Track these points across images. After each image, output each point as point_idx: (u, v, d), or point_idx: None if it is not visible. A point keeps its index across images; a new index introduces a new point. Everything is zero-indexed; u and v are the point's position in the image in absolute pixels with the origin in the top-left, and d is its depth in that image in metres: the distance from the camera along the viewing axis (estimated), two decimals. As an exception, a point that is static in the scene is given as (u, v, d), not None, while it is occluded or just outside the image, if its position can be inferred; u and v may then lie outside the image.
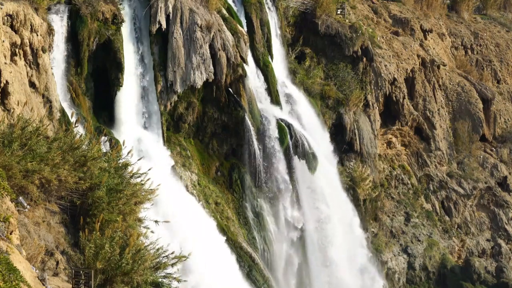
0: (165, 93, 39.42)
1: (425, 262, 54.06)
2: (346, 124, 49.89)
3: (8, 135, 19.46)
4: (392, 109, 56.64)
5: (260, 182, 42.46)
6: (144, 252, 18.87)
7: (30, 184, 18.96)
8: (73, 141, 20.89)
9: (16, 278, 13.64)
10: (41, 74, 31.38)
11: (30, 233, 18.40)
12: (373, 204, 52.77)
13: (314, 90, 49.76)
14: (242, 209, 41.95)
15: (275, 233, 42.95)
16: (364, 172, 51.04)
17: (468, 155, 60.75)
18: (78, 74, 35.83)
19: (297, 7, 51.96)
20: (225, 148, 42.58)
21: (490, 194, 59.85)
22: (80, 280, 17.34)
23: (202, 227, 36.66)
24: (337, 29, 51.58)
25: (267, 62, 45.88)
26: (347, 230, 47.80)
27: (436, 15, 67.08)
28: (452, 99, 62.29)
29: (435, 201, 57.58)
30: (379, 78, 54.84)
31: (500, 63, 69.37)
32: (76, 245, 19.65)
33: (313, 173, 44.57)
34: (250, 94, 42.44)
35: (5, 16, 29.38)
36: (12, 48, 29.45)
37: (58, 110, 32.22)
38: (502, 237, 58.86)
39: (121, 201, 20.31)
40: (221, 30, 41.09)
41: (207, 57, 39.91)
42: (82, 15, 35.40)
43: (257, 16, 46.00)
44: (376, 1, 63.36)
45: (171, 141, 40.24)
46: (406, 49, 58.69)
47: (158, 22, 38.65)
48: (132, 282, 18.35)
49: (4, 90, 27.80)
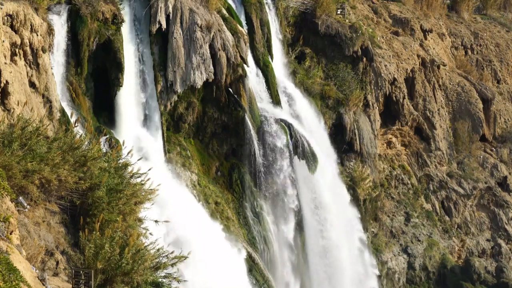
0: (165, 93, 39.42)
1: (425, 262, 54.05)
2: (346, 124, 49.89)
3: (8, 135, 19.45)
4: (392, 109, 56.64)
5: (260, 182, 42.46)
6: (144, 252, 18.87)
7: (30, 184, 18.95)
8: (73, 141, 20.88)
9: (16, 278, 13.63)
10: (41, 74, 31.38)
11: (30, 233, 18.39)
12: (373, 204, 52.77)
13: (314, 90, 49.75)
14: (242, 209, 41.95)
15: (275, 233, 42.96)
16: (364, 172, 51.04)
17: (468, 155, 60.75)
18: (78, 74, 35.83)
19: (297, 7, 51.96)
20: (225, 148, 42.58)
21: (490, 194, 59.85)
22: (80, 280, 17.33)
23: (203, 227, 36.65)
24: (337, 29, 51.58)
25: (267, 62, 45.89)
26: (348, 230, 47.81)
27: (436, 15, 67.08)
28: (452, 99, 62.30)
29: (435, 201, 57.57)
30: (379, 78, 54.85)
31: (500, 63, 69.38)
32: (76, 245, 19.65)
33: (313, 173, 44.56)
34: (250, 94, 42.45)
35: (5, 16, 29.38)
36: (12, 48, 29.45)
37: (58, 110, 32.22)
38: (502, 237, 58.86)
39: (121, 201, 20.30)
40: (221, 30, 41.09)
41: (207, 57, 39.91)
42: (82, 15, 35.40)
43: (257, 16, 46.01)
44: (376, 1, 63.36)
45: (171, 141, 40.24)
46: (406, 49, 58.69)
47: (158, 22, 38.65)
48: (132, 282, 18.34)
49: (4, 90, 27.80)
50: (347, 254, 47.33)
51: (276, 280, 42.02)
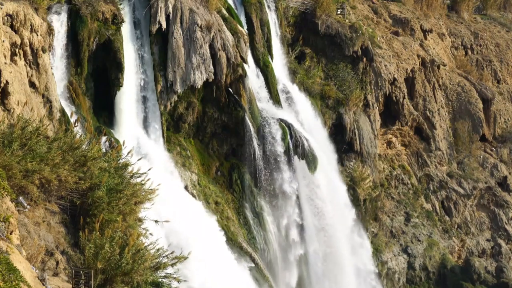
0: (165, 93, 39.42)
1: (425, 262, 54.05)
2: (346, 124, 49.89)
3: (8, 135, 19.45)
4: (392, 109, 56.64)
5: (260, 182, 42.46)
6: (144, 252, 18.87)
7: (30, 184, 18.95)
8: (73, 141, 20.89)
9: (16, 278, 13.64)
10: (41, 74, 31.37)
11: (30, 233, 18.39)
12: (373, 204, 52.76)
13: (314, 90, 49.75)
14: (242, 209, 41.95)
15: (275, 233, 42.97)
16: (364, 172, 51.04)
17: (468, 155, 60.75)
18: (78, 74, 35.83)
19: (297, 7, 51.95)
20: (225, 148, 42.58)
21: (490, 194, 59.84)
22: (80, 280, 17.33)
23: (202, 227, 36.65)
24: (337, 29, 51.57)
25: (267, 62, 45.88)
26: (348, 230, 47.82)
27: (436, 15, 67.07)
28: (452, 99, 62.29)
29: (435, 201, 57.57)
30: (379, 78, 54.85)
31: (500, 63, 69.37)
32: (76, 245, 19.65)
33: (313, 173, 44.57)
34: (250, 94, 42.45)
35: (5, 16, 29.38)
36: (12, 48, 29.45)
37: (58, 110, 32.21)
38: (502, 237, 58.86)
39: (121, 201, 20.30)
40: (221, 30, 41.09)
41: (207, 57, 39.91)
42: (82, 15, 35.39)
43: (257, 16, 46.00)
44: (376, 1, 63.35)
45: (171, 141, 40.24)
46: (406, 49, 58.69)
47: (158, 22, 38.65)
48: (132, 282, 18.35)
49: (4, 90, 27.79)
50: (347, 254, 47.35)
51: (276, 280, 42.02)
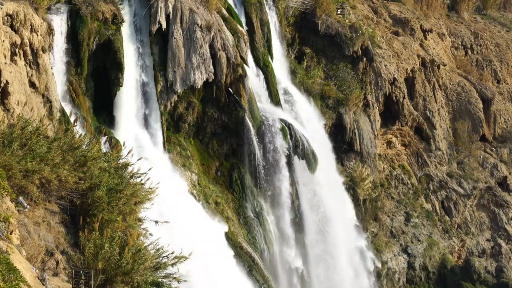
0: (165, 93, 39.42)
1: (425, 262, 54.05)
2: (346, 124, 49.89)
3: (8, 135, 19.44)
4: (392, 109, 56.66)
5: (260, 182, 42.46)
6: (144, 252, 18.85)
7: (30, 184, 18.93)
8: (73, 141, 20.87)
9: (16, 278, 13.63)
10: (41, 74, 31.37)
11: (30, 233, 18.38)
12: (373, 204, 52.76)
13: (314, 90, 49.75)
14: (242, 209, 41.95)
15: (275, 233, 42.98)
16: (364, 172, 51.04)
17: (468, 155, 60.76)
18: (78, 74, 35.82)
19: (297, 7, 51.94)
20: (225, 148, 42.58)
21: (490, 194, 59.85)
22: (80, 280, 17.32)
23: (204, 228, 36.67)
24: (337, 29, 51.57)
25: (267, 62, 45.88)
26: (348, 230, 47.82)
27: (436, 15, 67.07)
28: (452, 99, 62.30)
29: (435, 201, 57.58)
30: (379, 78, 54.85)
31: (500, 63, 69.37)
32: (76, 245, 19.64)
33: (313, 173, 44.57)
34: (250, 94, 42.45)
35: (5, 16, 29.37)
36: (12, 48, 29.44)
37: (58, 110, 32.21)
38: (502, 237, 58.86)
39: (121, 201, 20.28)
40: (221, 30, 41.09)
41: (207, 57, 39.91)
42: (82, 15, 35.40)
43: (257, 16, 46.00)
44: (376, 1, 63.35)
45: (171, 141, 40.25)
46: (406, 49, 58.69)
47: (158, 22, 38.65)
48: (132, 282, 18.33)
49: (4, 90, 27.78)
50: (347, 254, 47.36)
51: (276, 280, 42.03)
